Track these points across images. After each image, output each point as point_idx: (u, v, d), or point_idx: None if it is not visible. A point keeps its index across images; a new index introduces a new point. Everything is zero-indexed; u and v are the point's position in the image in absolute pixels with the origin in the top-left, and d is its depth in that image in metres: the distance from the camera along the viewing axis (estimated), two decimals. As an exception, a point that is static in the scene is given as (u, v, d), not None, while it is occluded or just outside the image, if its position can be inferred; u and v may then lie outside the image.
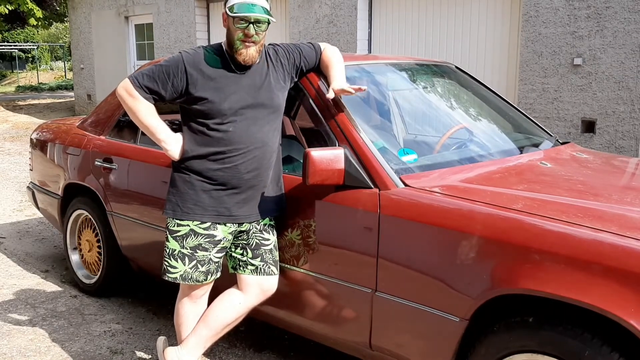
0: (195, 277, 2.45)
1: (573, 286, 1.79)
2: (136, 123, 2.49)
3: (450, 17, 7.02)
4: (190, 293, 2.53)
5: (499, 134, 3.06)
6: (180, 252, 2.43)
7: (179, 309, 2.58)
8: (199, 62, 2.39)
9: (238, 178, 2.39)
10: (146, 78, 2.40)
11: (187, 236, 2.42)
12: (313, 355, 3.04)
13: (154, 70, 2.41)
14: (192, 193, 2.41)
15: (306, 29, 8.38)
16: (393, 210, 2.22)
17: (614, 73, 5.60)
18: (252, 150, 2.39)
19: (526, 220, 1.96)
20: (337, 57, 2.62)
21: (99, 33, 12.72)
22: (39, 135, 4.25)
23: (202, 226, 2.42)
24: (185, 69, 2.37)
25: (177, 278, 2.45)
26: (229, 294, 2.53)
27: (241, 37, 2.32)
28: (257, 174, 2.42)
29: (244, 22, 2.30)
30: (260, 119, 2.42)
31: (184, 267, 2.44)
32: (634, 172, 2.73)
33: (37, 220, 5.57)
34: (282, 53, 2.54)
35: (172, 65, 2.39)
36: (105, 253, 3.64)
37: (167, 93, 2.40)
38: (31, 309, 3.60)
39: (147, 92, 2.40)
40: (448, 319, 2.08)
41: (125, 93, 2.42)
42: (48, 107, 16.31)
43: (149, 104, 2.43)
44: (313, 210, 2.45)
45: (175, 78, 2.38)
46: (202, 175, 2.40)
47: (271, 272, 2.51)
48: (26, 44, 33.13)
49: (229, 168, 2.38)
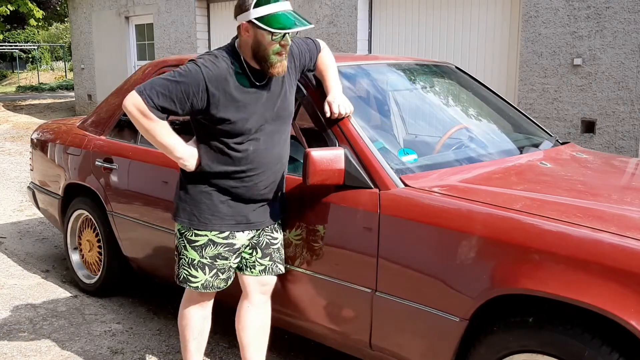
0: (217, 284, 2.40)
1: (573, 286, 1.80)
2: (149, 141, 2.29)
3: (450, 18, 7.02)
4: (198, 298, 2.48)
5: (498, 134, 3.06)
6: (200, 261, 2.36)
7: (185, 312, 2.52)
8: (221, 79, 2.18)
9: (257, 193, 2.34)
10: (162, 98, 2.15)
11: (205, 246, 2.35)
12: (313, 355, 3.04)
13: (169, 88, 2.15)
14: (209, 203, 2.31)
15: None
16: (393, 210, 2.22)
17: (613, 73, 5.60)
18: (270, 167, 2.33)
19: (526, 220, 1.96)
20: (333, 63, 2.55)
21: (100, 33, 12.72)
22: (40, 135, 4.26)
23: (220, 236, 2.34)
24: (206, 87, 2.15)
25: (198, 287, 2.39)
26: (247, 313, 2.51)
27: (278, 49, 2.15)
28: (273, 186, 2.38)
29: (280, 34, 2.13)
30: (277, 132, 2.33)
31: (204, 276, 2.37)
32: (634, 172, 2.73)
33: (38, 220, 5.57)
34: (296, 53, 2.41)
35: (191, 83, 2.14)
36: (105, 253, 3.65)
37: (185, 111, 2.19)
38: (32, 308, 3.61)
39: (161, 112, 2.19)
40: (448, 319, 2.08)
41: (138, 113, 2.18)
42: (48, 107, 16.31)
43: (165, 122, 2.22)
44: (313, 211, 2.45)
45: (195, 97, 2.15)
46: (219, 189, 2.31)
47: (279, 271, 2.50)
48: (26, 44, 33.14)
49: (248, 186, 2.31)
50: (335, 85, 2.50)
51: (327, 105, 2.44)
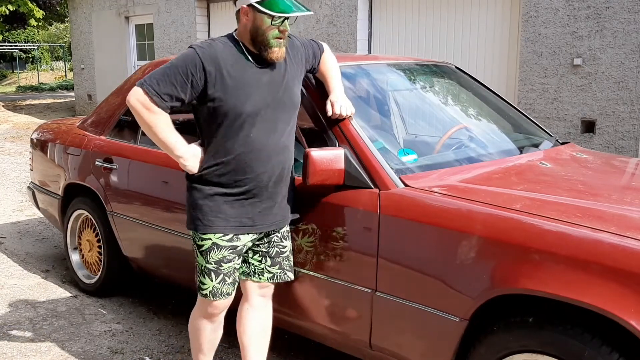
0: (225, 290, 2.35)
1: (573, 286, 1.80)
2: (150, 137, 2.27)
3: (450, 18, 7.02)
4: (209, 313, 2.42)
5: (498, 134, 3.06)
6: (206, 267, 2.32)
7: (196, 322, 2.49)
8: (216, 57, 2.17)
9: (260, 187, 2.26)
10: (162, 84, 2.14)
11: (210, 250, 2.30)
12: (313, 355, 3.04)
13: (167, 72, 2.15)
14: (212, 205, 2.26)
15: (306, 29, 8.39)
16: (393, 211, 2.22)
17: (613, 73, 5.60)
18: (273, 157, 2.26)
19: (526, 220, 1.96)
20: (336, 65, 2.55)
21: (100, 33, 12.73)
22: (40, 135, 4.26)
23: (224, 238, 2.29)
24: (203, 66, 2.14)
25: (207, 295, 2.35)
26: (248, 315, 2.49)
27: (277, 34, 2.15)
28: (279, 179, 2.30)
29: (279, 19, 2.14)
30: (280, 121, 2.27)
31: (211, 282, 2.33)
32: (634, 172, 2.73)
33: (38, 220, 5.57)
34: (299, 45, 2.39)
35: (188, 63, 2.14)
36: (105, 253, 3.65)
37: (188, 96, 2.17)
38: (32, 308, 3.61)
39: (165, 101, 2.16)
40: (448, 319, 2.08)
41: (139, 105, 2.17)
42: (48, 107, 16.31)
43: (166, 115, 2.20)
44: (313, 211, 2.45)
45: (194, 77, 2.14)
46: (222, 185, 2.26)
47: (287, 278, 2.46)
48: (26, 44, 33.14)
49: (251, 178, 2.25)
50: (338, 86, 2.50)
51: (330, 104, 2.43)
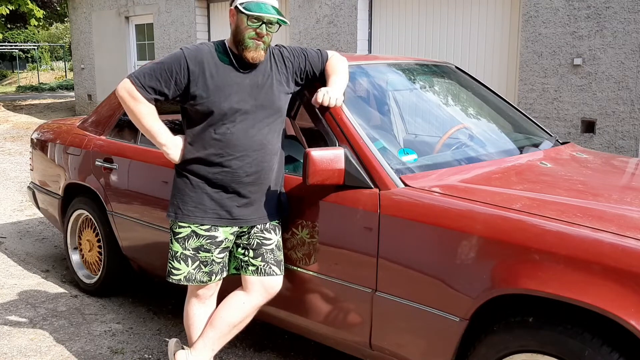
0: (199, 277, 2.45)
1: (573, 286, 1.80)
2: (136, 125, 2.46)
3: (450, 18, 7.02)
4: (197, 294, 2.53)
5: (498, 134, 3.06)
6: (183, 253, 2.43)
7: (188, 310, 2.57)
8: (201, 58, 2.36)
9: (238, 182, 2.38)
10: (148, 77, 2.36)
11: (188, 238, 2.42)
12: (313, 355, 3.04)
13: (154, 68, 2.37)
14: (193, 195, 2.40)
15: (306, 29, 8.39)
16: (393, 210, 2.22)
17: (613, 73, 5.60)
18: (250, 154, 2.37)
19: (526, 220, 1.96)
20: (341, 66, 2.57)
21: (100, 33, 12.72)
22: (40, 135, 4.26)
23: (202, 227, 2.41)
24: (187, 65, 2.34)
25: (181, 280, 2.45)
26: (233, 295, 2.53)
27: (253, 35, 2.31)
28: (257, 177, 2.40)
29: (256, 22, 2.29)
30: (259, 121, 2.39)
31: (187, 268, 2.43)
32: (634, 172, 2.73)
33: (38, 220, 5.57)
34: (287, 55, 2.51)
35: (173, 62, 2.35)
36: (105, 253, 3.65)
37: (171, 91, 2.36)
38: (32, 308, 3.61)
39: (149, 93, 2.37)
40: (448, 319, 2.09)
41: (127, 94, 2.38)
42: (48, 107, 16.31)
43: (151, 105, 2.40)
44: (313, 210, 2.45)
45: (178, 75, 2.34)
46: (203, 177, 2.39)
47: (272, 273, 2.49)
48: (26, 44, 33.14)
49: (227, 171, 2.37)
50: (337, 82, 2.51)
51: (317, 92, 2.46)
